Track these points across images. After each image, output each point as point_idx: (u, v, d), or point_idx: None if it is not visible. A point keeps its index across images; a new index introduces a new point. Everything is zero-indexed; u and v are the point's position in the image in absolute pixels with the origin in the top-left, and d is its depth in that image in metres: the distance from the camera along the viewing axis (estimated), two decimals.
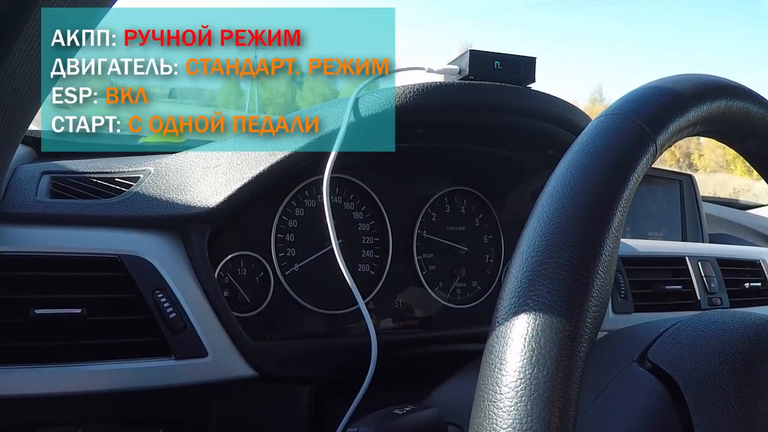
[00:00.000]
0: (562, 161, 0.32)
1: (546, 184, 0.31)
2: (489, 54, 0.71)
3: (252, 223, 0.76)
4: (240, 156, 0.68)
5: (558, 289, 0.27)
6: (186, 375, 0.62)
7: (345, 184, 0.83)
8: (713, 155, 13.02)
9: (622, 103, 0.34)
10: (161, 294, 0.62)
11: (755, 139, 0.40)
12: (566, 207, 0.29)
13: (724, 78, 0.38)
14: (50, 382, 0.57)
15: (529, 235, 0.29)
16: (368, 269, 0.84)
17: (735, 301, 1.09)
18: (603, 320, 0.29)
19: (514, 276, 0.28)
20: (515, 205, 0.93)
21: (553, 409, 0.25)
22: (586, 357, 0.27)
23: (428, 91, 0.67)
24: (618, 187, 0.30)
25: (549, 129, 0.74)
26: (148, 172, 0.72)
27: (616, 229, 0.29)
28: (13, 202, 0.63)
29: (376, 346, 0.65)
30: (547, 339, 0.26)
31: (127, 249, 0.63)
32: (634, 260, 1.00)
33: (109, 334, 0.60)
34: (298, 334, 0.78)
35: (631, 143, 0.32)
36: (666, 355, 0.38)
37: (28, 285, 0.59)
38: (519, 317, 0.27)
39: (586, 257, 0.27)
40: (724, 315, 0.41)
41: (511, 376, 0.26)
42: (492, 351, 0.27)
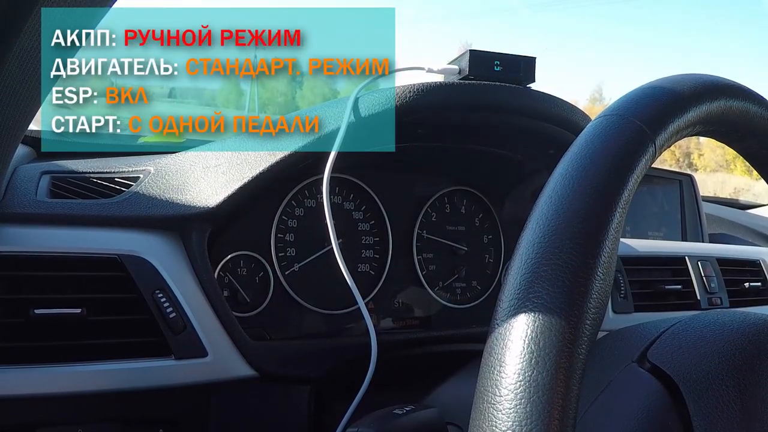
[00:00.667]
0: (561, 162, 0.32)
1: (545, 185, 0.31)
2: (489, 54, 0.71)
3: (252, 223, 0.76)
4: (240, 156, 0.68)
5: (557, 291, 0.27)
6: (186, 375, 0.62)
7: (345, 184, 0.83)
8: (713, 155, 13.02)
9: (621, 104, 0.34)
10: (161, 294, 0.62)
11: (755, 138, 0.40)
12: (565, 208, 0.29)
13: (723, 78, 0.38)
14: (50, 382, 0.57)
15: (528, 236, 0.29)
16: (368, 269, 0.84)
17: (735, 301, 1.09)
18: (603, 321, 0.29)
19: (513, 277, 0.28)
20: (515, 205, 0.93)
21: (552, 411, 0.25)
22: (586, 358, 0.27)
23: (428, 91, 0.67)
24: (617, 188, 0.30)
25: (549, 129, 0.74)
26: (148, 172, 0.72)
27: (616, 230, 0.29)
28: (13, 202, 0.63)
29: (375, 346, 0.65)
30: (547, 341, 0.26)
31: (127, 249, 0.63)
32: (633, 260, 1.00)
33: (108, 334, 0.60)
34: (298, 334, 0.78)
35: (631, 144, 0.32)
36: (666, 356, 0.38)
37: (28, 285, 0.59)
38: (518, 319, 0.27)
39: (585, 259, 0.27)
40: (724, 315, 0.41)
41: (511, 378, 0.26)
42: (491, 353, 0.27)
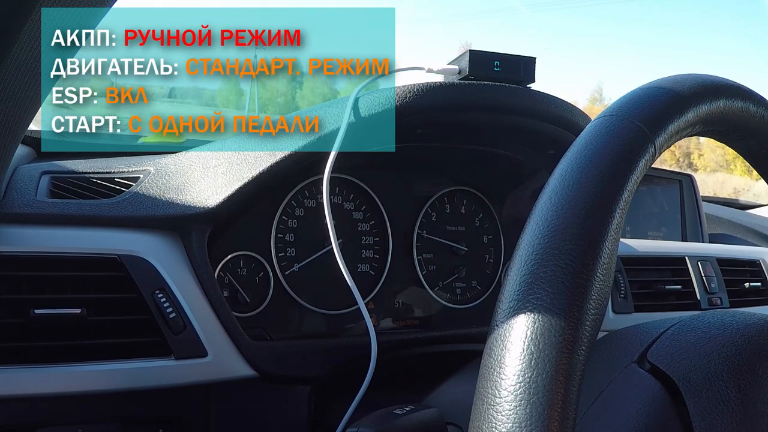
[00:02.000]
0: (561, 163, 0.32)
1: (545, 186, 0.31)
2: (489, 54, 0.71)
3: (252, 223, 0.76)
4: (240, 156, 0.68)
5: (557, 292, 0.27)
6: (186, 375, 0.62)
7: (345, 184, 0.83)
8: (713, 155, 13.02)
9: (621, 104, 0.34)
10: (161, 294, 0.62)
11: (754, 138, 0.40)
12: (565, 210, 0.29)
13: (723, 78, 0.38)
14: (50, 381, 0.57)
15: (528, 238, 0.29)
16: (368, 269, 0.84)
17: (735, 301, 1.09)
18: (602, 322, 0.29)
19: (513, 278, 0.28)
20: (515, 205, 0.93)
21: (552, 412, 0.25)
22: (586, 359, 0.27)
23: (428, 91, 0.67)
24: (617, 190, 0.30)
25: (549, 129, 0.74)
26: (148, 172, 0.72)
27: (615, 231, 0.29)
28: (13, 202, 0.63)
29: (375, 346, 0.65)
30: (546, 342, 0.26)
31: (127, 249, 0.63)
32: (634, 260, 1.00)
33: (108, 334, 0.60)
34: (298, 334, 0.78)
35: (630, 145, 0.32)
36: (665, 356, 0.38)
37: (28, 285, 0.59)
38: (518, 320, 0.27)
39: (585, 260, 0.27)
40: (724, 315, 0.41)
41: (511, 380, 0.26)
42: (491, 353, 0.27)
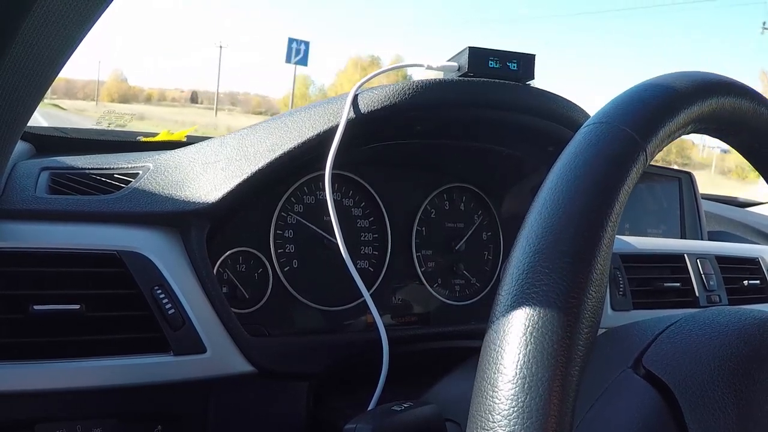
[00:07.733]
0: (551, 173, 0.31)
1: (535, 198, 0.31)
2: (488, 51, 0.71)
3: (251, 219, 0.76)
4: (239, 152, 0.68)
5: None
6: (185, 371, 0.62)
7: (344, 181, 0.83)
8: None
9: (609, 110, 0.33)
10: (160, 290, 0.62)
11: (748, 133, 0.39)
12: (555, 226, 0.28)
13: (714, 74, 0.37)
14: (49, 378, 0.57)
15: (518, 256, 0.29)
16: (367, 265, 0.84)
17: (734, 299, 1.09)
18: (600, 321, 0.29)
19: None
20: (514, 202, 0.93)
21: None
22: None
23: (427, 87, 0.67)
24: (607, 203, 0.29)
25: (548, 126, 0.74)
26: (147, 168, 0.71)
27: (607, 245, 0.28)
28: (12, 198, 0.63)
29: (386, 338, 0.66)
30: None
31: (126, 245, 0.63)
32: (632, 257, 1.00)
33: (107, 330, 0.60)
34: (297, 330, 0.79)
35: (621, 154, 0.31)
36: (661, 361, 0.37)
37: (26, 281, 0.59)
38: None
39: (576, 278, 0.27)
40: (721, 314, 0.40)
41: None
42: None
